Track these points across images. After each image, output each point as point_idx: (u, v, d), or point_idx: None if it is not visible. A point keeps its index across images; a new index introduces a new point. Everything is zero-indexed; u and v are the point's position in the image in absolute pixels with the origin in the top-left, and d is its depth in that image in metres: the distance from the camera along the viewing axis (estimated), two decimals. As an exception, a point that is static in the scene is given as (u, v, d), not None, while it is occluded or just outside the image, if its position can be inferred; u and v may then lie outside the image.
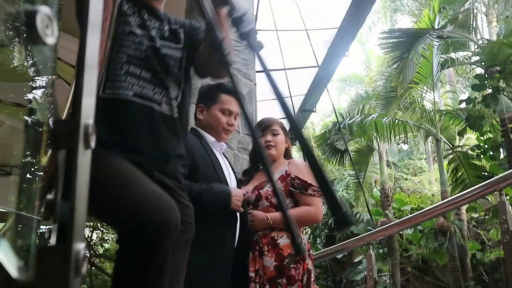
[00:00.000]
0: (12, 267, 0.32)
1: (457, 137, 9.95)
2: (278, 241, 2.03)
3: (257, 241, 2.05)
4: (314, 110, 8.89)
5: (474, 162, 8.14)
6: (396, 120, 8.87)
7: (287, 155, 2.38)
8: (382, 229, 3.18)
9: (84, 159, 0.37)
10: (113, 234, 8.45)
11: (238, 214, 1.96)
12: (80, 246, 0.35)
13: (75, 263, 0.33)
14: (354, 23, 5.72)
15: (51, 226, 0.39)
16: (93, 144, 0.38)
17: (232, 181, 2.05)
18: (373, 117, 8.80)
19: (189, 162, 1.80)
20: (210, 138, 2.05)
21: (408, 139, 13.35)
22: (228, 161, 2.19)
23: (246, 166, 2.92)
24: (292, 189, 2.12)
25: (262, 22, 5.71)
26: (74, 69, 0.76)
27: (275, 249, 2.02)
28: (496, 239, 8.59)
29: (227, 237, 1.92)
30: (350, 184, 12.80)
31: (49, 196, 0.39)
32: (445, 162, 9.10)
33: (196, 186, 1.79)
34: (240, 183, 2.27)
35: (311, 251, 2.18)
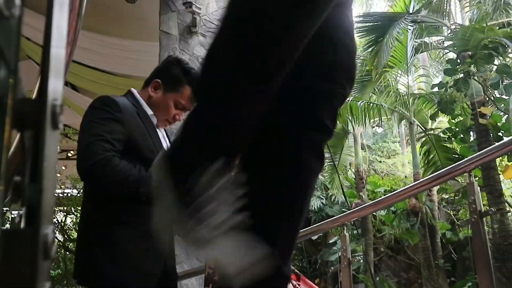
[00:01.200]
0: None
1: (430, 121, 10.15)
2: None
3: None
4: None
5: (445, 144, 8.34)
6: (371, 104, 8.98)
7: None
8: (356, 210, 3.24)
9: (52, 139, 0.36)
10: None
11: None
12: (49, 229, 0.34)
13: (43, 246, 0.33)
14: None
15: (20, 211, 0.38)
16: (60, 125, 0.37)
17: None
18: (348, 101, 8.88)
19: (126, 136, 1.63)
20: (149, 111, 1.80)
21: (382, 122, 13.53)
22: (166, 133, 1.93)
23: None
24: None
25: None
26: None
27: None
28: (465, 219, 8.88)
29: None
30: (325, 167, 12.94)
31: (16, 179, 0.38)
32: (418, 145, 9.30)
33: (136, 170, 1.56)
34: None
35: None
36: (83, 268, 1.62)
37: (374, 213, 10.35)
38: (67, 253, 8.60)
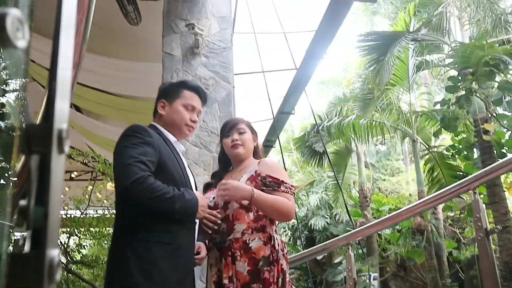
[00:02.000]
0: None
1: (433, 138, 10.14)
2: (250, 245, 1.95)
3: (229, 246, 1.96)
4: (293, 112, 8.93)
5: (449, 162, 8.31)
6: (374, 122, 8.99)
7: (256, 154, 2.30)
8: (361, 229, 3.21)
9: (58, 164, 0.36)
10: (90, 240, 8.31)
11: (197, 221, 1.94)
12: (54, 252, 0.34)
13: (49, 269, 0.33)
14: (331, 26, 5.78)
15: (25, 233, 0.38)
16: (66, 148, 0.38)
17: (192, 183, 2.00)
18: (351, 119, 8.90)
19: (157, 158, 1.78)
20: (172, 138, 1.99)
21: (385, 140, 13.53)
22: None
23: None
24: (264, 187, 2.03)
25: (240, 25, 5.72)
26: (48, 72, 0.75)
27: (247, 253, 1.94)
28: (471, 237, 8.78)
29: (191, 242, 1.90)
30: (329, 185, 12.89)
31: (22, 202, 0.38)
32: (422, 163, 9.27)
33: (170, 189, 1.72)
34: (209, 186, 2.23)
35: (285, 251, 2.08)
36: (118, 285, 1.69)
37: (379, 232, 10.26)
38: (70, 275, 8.53)
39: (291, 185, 2.08)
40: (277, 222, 2.16)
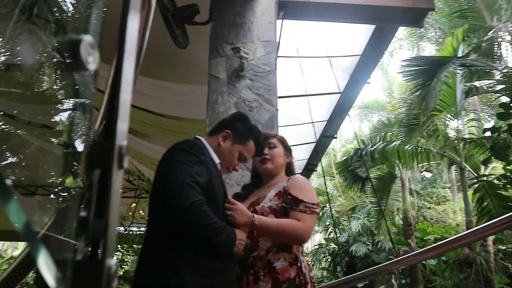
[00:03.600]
0: (51, 279, 0.34)
1: (482, 166, 9.76)
2: (274, 264, 1.89)
3: (252, 264, 1.91)
4: (336, 136, 8.87)
5: (500, 192, 7.93)
6: (419, 148, 8.77)
7: (289, 171, 2.24)
8: (405, 258, 3.11)
9: (117, 178, 0.39)
10: (132, 256, 8.47)
11: None
12: (112, 261, 0.36)
13: (107, 277, 0.35)
14: (376, 50, 5.75)
15: (81, 244, 0.41)
16: (125, 164, 0.40)
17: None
18: (395, 144, 8.72)
19: (207, 181, 1.74)
20: (216, 159, 1.95)
21: (431, 167, 13.15)
22: None
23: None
24: (284, 204, 1.98)
25: (285, 49, 5.79)
26: (106, 93, 0.80)
27: (271, 273, 1.87)
28: (524, 272, 8.29)
29: (231, 269, 1.87)
30: (371, 211, 12.62)
31: (82, 214, 0.41)
32: (470, 192, 8.91)
33: (217, 219, 1.69)
34: (238, 197, 2.19)
35: (311, 274, 1.99)
36: None
37: (424, 262, 9.87)
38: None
39: (314, 204, 1.98)
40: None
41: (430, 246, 2.72)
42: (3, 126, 3.92)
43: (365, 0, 4.59)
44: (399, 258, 3.19)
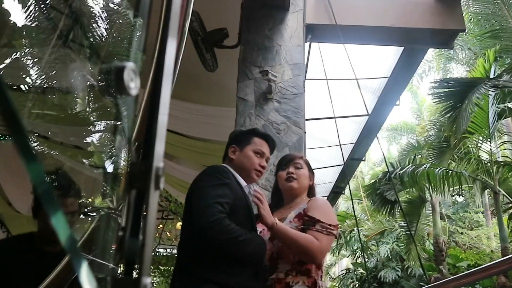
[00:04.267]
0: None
1: (517, 190, 9.43)
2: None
3: (271, 286, 1.91)
4: (364, 159, 8.77)
5: (537, 217, 7.64)
6: (450, 171, 8.56)
7: (311, 193, 2.24)
8: (437, 285, 3.01)
9: (154, 199, 0.40)
10: (158, 278, 8.50)
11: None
12: (148, 280, 0.37)
13: (143, 295, 0.36)
14: (405, 72, 5.70)
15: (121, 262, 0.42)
16: (162, 185, 0.41)
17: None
18: (425, 167, 8.54)
19: (232, 200, 1.83)
20: (242, 182, 2.04)
21: (463, 191, 12.79)
22: None
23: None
24: (303, 226, 1.98)
25: (313, 71, 5.82)
26: (139, 115, 0.82)
27: None
28: None
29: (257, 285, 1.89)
30: (401, 236, 12.31)
31: (120, 233, 0.42)
32: (505, 217, 8.60)
33: (243, 232, 1.76)
34: (257, 218, 2.20)
35: None
36: None
37: (457, 290, 9.50)
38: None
39: (331, 225, 1.96)
40: (323, 267, 2.05)
41: (463, 273, 2.64)
42: (38, 147, 4.05)
43: (394, 22, 4.59)
44: (430, 285, 3.09)
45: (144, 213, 0.40)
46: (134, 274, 0.38)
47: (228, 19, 4.46)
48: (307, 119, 4.18)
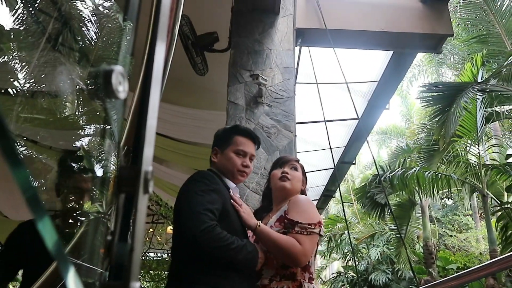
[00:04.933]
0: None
1: (505, 193, 9.53)
2: None
3: None
4: (354, 162, 8.81)
5: (525, 220, 7.71)
6: (439, 174, 8.62)
7: None
8: (426, 287, 3.03)
9: (143, 203, 0.40)
10: (149, 282, 8.43)
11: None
12: (136, 285, 0.37)
13: (131, 301, 0.35)
14: (395, 76, 5.75)
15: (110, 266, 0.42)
16: (150, 189, 0.41)
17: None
18: (415, 171, 8.59)
19: (221, 207, 1.82)
20: (231, 184, 2.04)
21: (452, 194, 12.89)
22: None
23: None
24: (284, 229, 1.93)
25: (303, 75, 5.84)
26: (128, 119, 0.82)
27: None
28: (553, 305, 7.96)
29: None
30: (391, 239, 12.37)
31: (108, 238, 0.41)
32: (493, 219, 8.68)
33: (235, 239, 1.76)
34: None
35: None
36: None
37: (446, 292, 9.56)
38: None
39: (311, 224, 1.91)
40: (313, 269, 2.01)
41: (453, 276, 2.65)
42: (27, 151, 4.01)
43: (383, 26, 4.63)
44: (421, 288, 3.10)
45: (133, 217, 0.40)
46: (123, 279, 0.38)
47: (218, 23, 4.46)
48: (297, 123, 4.19)
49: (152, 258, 8.57)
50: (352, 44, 4.96)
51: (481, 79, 7.87)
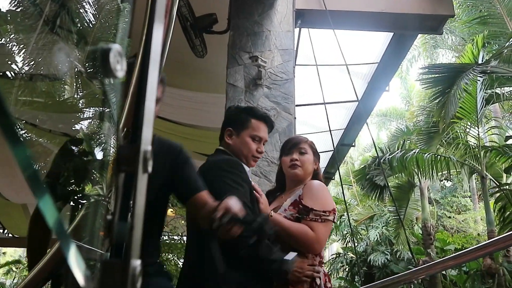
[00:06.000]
0: (80, 276, 0.35)
1: (504, 175, 9.57)
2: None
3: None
4: (354, 144, 8.82)
5: (523, 201, 7.76)
6: (439, 156, 8.64)
7: (316, 178, 2.15)
8: (424, 267, 3.06)
9: (142, 182, 0.40)
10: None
11: None
12: (137, 263, 0.37)
13: (131, 277, 0.36)
14: (395, 58, 5.72)
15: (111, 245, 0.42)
16: (150, 168, 0.42)
17: None
18: (414, 153, 8.61)
19: (249, 194, 1.77)
20: (247, 168, 1.94)
21: (451, 176, 12.95)
22: None
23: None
24: (297, 215, 1.93)
25: (302, 57, 5.80)
26: (127, 100, 0.82)
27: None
28: (549, 284, 8.07)
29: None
30: (390, 220, 12.47)
31: (108, 217, 0.42)
32: (492, 201, 8.74)
33: (275, 249, 1.69)
34: None
35: (329, 285, 1.95)
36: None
37: (445, 273, 9.69)
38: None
39: (325, 211, 1.91)
40: (323, 253, 2.02)
41: (450, 256, 2.68)
42: (26, 135, 4.01)
43: (383, 7, 4.58)
44: (418, 268, 3.14)
45: (133, 196, 0.40)
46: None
47: (217, 4, 4.42)
48: (297, 105, 4.19)
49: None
50: (352, 26, 4.92)
51: (482, 60, 7.82)
